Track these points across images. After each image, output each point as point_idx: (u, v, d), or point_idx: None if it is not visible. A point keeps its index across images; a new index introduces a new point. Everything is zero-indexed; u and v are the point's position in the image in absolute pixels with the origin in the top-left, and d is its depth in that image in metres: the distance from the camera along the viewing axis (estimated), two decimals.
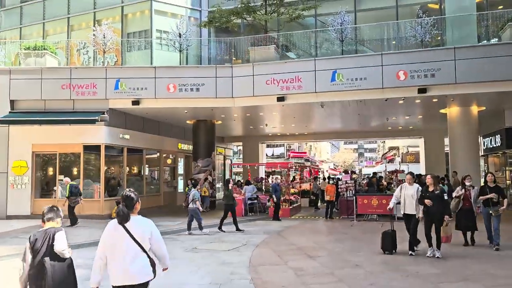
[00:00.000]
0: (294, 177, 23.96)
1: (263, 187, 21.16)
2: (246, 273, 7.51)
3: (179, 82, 16.10)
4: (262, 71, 15.94)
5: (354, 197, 15.77)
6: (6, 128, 16.14)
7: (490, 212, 9.12)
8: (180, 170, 23.68)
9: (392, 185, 18.61)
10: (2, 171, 16.04)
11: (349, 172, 20.33)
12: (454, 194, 10.06)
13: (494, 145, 19.41)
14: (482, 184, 11.31)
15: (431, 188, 8.52)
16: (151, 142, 20.14)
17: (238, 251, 9.71)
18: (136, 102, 16.33)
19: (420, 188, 8.85)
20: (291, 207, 17.43)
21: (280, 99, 15.84)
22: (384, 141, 55.50)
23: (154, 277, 4.00)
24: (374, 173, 23.53)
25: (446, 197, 8.66)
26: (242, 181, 21.93)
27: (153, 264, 3.99)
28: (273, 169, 23.61)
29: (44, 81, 16.21)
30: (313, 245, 10.48)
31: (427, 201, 8.32)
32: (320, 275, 7.34)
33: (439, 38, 17.93)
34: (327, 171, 52.92)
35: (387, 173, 27.47)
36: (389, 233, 9.05)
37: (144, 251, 3.91)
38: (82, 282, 4.73)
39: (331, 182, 18.56)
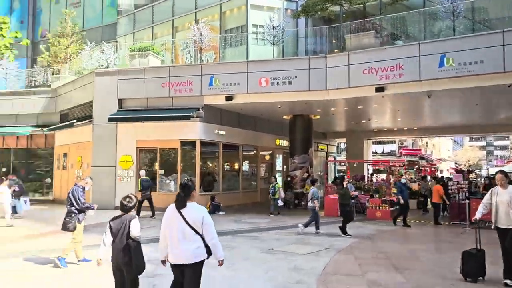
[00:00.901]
0: (401, 175, 21.83)
1: (365, 186, 19.63)
2: (313, 283, 6.63)
3: (271, 76, 15.66)
4: (358, 59, 14.64)
5: (467, 200, 13.55)
6: (114, 125, 17.46)
7: None
8: (278, 166, 23.30)
9: None
10: (111, 165, 17.40)
11: (465, 171, 17.69)
12: None
13: None
14: None
15: None
16: (248, 138, 20.10)
17: (316, 255, 8.82)
18: (229, 98, 16.34)
19: None
20: (392, 208, 15.75)
21: (379, 89, 14.36)
22: None
23: (208, 257, 4.38)
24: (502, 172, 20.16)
25: None
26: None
27: (206, 246, 4.34)
28: (387, 167, 21.75)
29: (146, 80, 17.16)
30: (405, 254, 9.08)
31: None
32: None
33: None
34: (447, 170, 47.96)
35: None
36: (474, 254, 6.85)
37: (198, 233, 4.29)
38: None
39: (440, 182, 16.31)
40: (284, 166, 23.41)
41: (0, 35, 26.72)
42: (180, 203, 4.33)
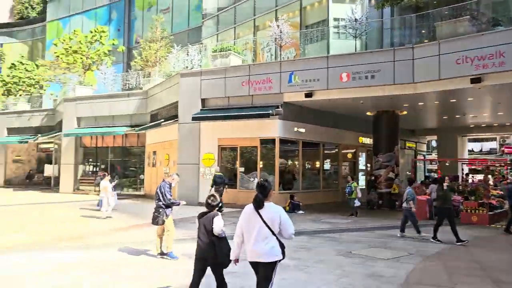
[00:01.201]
0: (503, 176, 19.68)
1: (459, 187, 17.94)
2: None
3: (353, 70, 14.99)
4: (451, 48, 13.36)
5: None
6: (198, 124, 18.06)
7: None
8: (362, 165, 22.33)
9: None
10: (195, 162, 18.02)
11: None
12: None
13: None
14: None
15: None
16: (328, 136, 19.53)
17: (399, 261, 8.13)
18: (308, 95, 15.99)
19: None
20: (491, 213, 14.13)
21: (475, 80, 12.99)
22: None
23: (283, 258, 4.45)
24: None
25: None
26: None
27: (282, 246, 4.44)
28: (485, 167, 19.77)
29: (227, 80, 17.47)
30: (506, 266, 7.98)
31: None
32: None
33: None
34: None
35: None
36: None
37: (274, 234, 4.40)
38: None
39: None
40: (368, 165, 22.37)
41: (100, 43, 29.28)
42: (258, 204, 4.46)
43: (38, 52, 44.55)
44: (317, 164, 19.46)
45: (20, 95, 33.53)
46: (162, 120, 19.88)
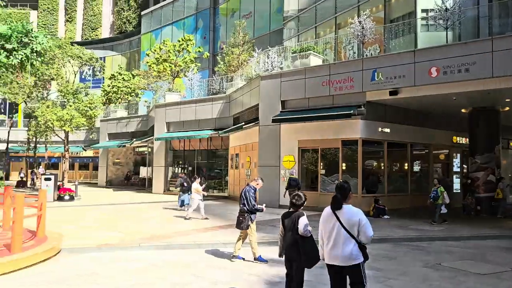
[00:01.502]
0: None
1: None
2: None
3: (443, 64, 13.79)
4: None
5: None
6: (278, 126, 18.01)
7: None
8: (456, 167, 20.48)
9: None
10: (276, 165, 17.98)
11: None
12: None
13: None
14: None
15: None
16: (417, 136, 18.23)
17: (498, 278, 7.17)
18: (393, 92, 15.08)
19: None
20: None
21: None
22: None
23: (365, 260, 4.38)
24: None
25: None
26: None
27: (363, 248, 4.36)
28: None
29: (307, 80, 17.18)
30: None
31: None
32: None
33: None
34: None
35: None
36: None
37: (353, 237, 4.33)
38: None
39: None
40: (465, 167, 20.45)
41: (186, 51, 30.76)
42: (336, 205, 4.44)
43: (134, 63, 48.27)
44: (405, 166, 18.25)
45: (119, 103, 36.57)
46: (243, 123, 20.19)
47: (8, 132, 36.56)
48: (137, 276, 7.03)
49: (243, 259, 8.25)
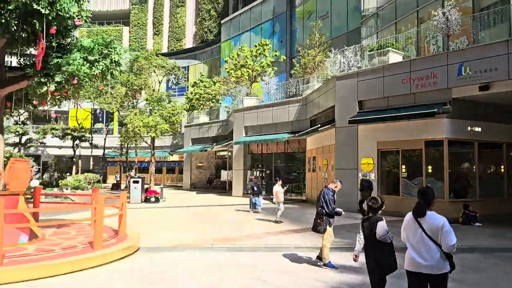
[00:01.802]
0: None
1: None
2: None
3: None
4: None
5: None
6: (355, 127, 17.36)
7: None
8: None
9: None
10: (353, 167, 17.34)
11: None
12: None
13: None
14: None
15: None
16: None
17: None
18: (484, 87, 13.73)
19: None
20: None
21: None
22: None
23: (451, 270, 4.17)
24: None
25: None
26: None
27: (449, 256, 4.15)
28: None
29: (385, 78, 16.36)
30: None
31: None
32: None
33: None
34: None
35: None
36: None
37: (438, 244, 4.14)
38: None
39: None
40: None
41: (263, 56, 31.12)
42: (419, 212, 4.26)
43: (215, 70, 50.07)
44: (500, 168, 16.49)
45: (201, 109, 38.15)
46: (319, 125, 19.80)
47: (105, 139, 40.05)
48: (202, 276, 7.14)
49: (336, 267, 7.88)
